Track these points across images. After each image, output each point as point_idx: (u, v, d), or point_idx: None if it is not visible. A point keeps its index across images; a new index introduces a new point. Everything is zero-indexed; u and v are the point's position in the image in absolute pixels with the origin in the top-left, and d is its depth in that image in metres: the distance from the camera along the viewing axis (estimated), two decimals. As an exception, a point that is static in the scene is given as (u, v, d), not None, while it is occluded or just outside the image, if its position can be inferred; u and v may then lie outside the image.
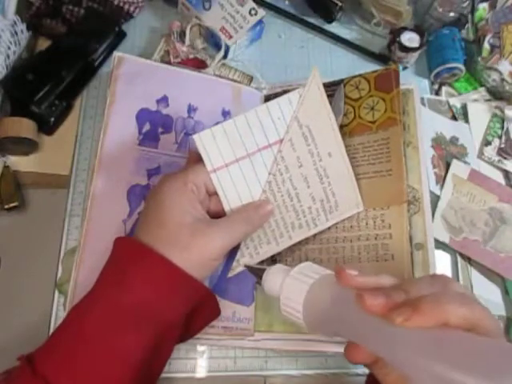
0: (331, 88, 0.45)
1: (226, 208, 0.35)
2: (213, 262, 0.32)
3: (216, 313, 0.36)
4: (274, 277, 0.31)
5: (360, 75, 0.44)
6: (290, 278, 0.29)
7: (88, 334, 0.29)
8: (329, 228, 0.40)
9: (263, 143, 0.36)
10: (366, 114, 0.42)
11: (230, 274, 0.37)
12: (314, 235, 0.40)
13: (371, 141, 0.41)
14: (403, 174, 0.39)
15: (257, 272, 0.33)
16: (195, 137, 0.34)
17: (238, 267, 0.38)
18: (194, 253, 0.30)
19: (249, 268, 0.34)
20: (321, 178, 0.38)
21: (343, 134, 0.43)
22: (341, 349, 0.39)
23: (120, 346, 0.29)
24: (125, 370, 0.29)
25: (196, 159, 0.35)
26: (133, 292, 0.29)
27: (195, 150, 0.35)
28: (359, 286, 0.26)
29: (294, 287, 0.29)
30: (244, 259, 0.37)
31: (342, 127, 0.43)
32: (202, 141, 0.34)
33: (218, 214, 0.35)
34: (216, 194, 0.35)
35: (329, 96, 0.46)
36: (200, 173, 0.33)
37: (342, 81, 0.45)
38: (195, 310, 0.33)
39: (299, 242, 0.40)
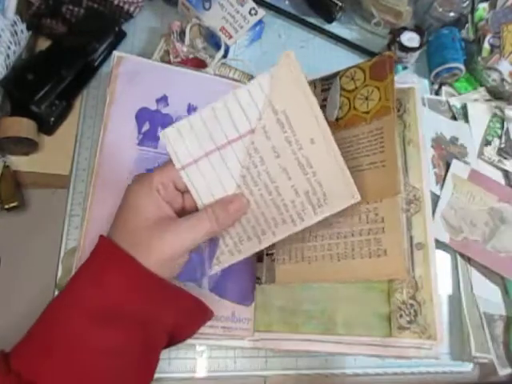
0: (328, 81, 0.45)
1: (199, 205, 0.34)
2: (175, 261, 0.32)
3: (205, 312, 0.36)
4: None
5: (355, 65, 0.43)
6: None
7: (63, 332, 0.29)
8: (323, 225, 0.39)
9: (233, 135, 0.33)
10: (361, 105, 0.41)
11: (212, 272, 0.36)
12: (310, 232, 0.39)
13: (365, 132, 0.40)
14: (396, 164, 0.38)
15: None
16: (160, 134, 0.33)
17: (218, 265, 0.36)
18: (153, 253, 0.30)
19: None
20: (303, 168, 0.34)
21: (338, 127, 0.41)
22: (340, 349, 0.39)
23: (94, 343, 0.29)
24: (100, 368, 0.29)
25: None
26: (106, 291, 0.30)
27: None
28: None
29: None
30: (223, 257, 0.36)
31: (337, 120, 0.42)
32: (168, 138, 0.33)
33: (194, 211, 0.34)
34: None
35: (325, 90, 0.46)
36: (167, 172, 0.33)
37: (338, 73, 0.45)
38: (178, 310, 0.33)
39: (295, 240, 0.40)
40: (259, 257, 0.43)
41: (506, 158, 0.58)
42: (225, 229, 0.34)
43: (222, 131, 0.33)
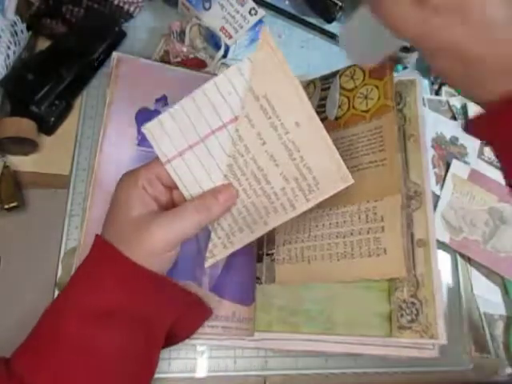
0: (327, 81, 0.45)
1: (187, 197, 0.34)
2: (165, 254, 0.31)
3: (204, 309, 0.36)
4: None
5: (355, 64, 0.43)
6: None
7: (63, 334, 0.29)
8: (323, 225, 0.39)
9: (216, 124, 0.32)
10: (360, 104, 0.41)
11: (206, 266, 0.35)
12: (309, 232, 0.39)
13: (365, 131, 0.40)
14: (396, 162, 0.37)
15: None
16: (143, 129, 0.32)
17: (212, 258, 0.35)
18: (139, 247, 0.30)
19: None
20: (290, 153, 0.33)
21: (338, 126, 0.41)
22: (341, 349, 0.39)
23: (94, 345, 0.29)
24: (102, 369, 0.29)
25: None
26: (102, 291, 0.30)
27: None
28: None
29: None
30: (217, 249, 0.35)
31: (336, 119, 0.42)
32: (152, 132, 0.32)
33: None
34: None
35: (325, 89, 0.46)
36: (152, 167, 0.33)
37: (337, 72, 0.45)
38: (175, 305, 0.33)
39: (295, 241, 0.40)
40: (259, 257, 0.43)
41: (505, 158, 0.58)
42: (215, 219, 0.34)
43: (204, 121, 0.32)
